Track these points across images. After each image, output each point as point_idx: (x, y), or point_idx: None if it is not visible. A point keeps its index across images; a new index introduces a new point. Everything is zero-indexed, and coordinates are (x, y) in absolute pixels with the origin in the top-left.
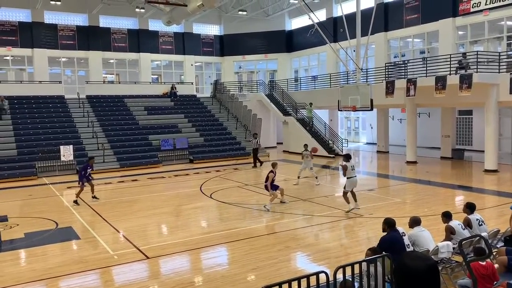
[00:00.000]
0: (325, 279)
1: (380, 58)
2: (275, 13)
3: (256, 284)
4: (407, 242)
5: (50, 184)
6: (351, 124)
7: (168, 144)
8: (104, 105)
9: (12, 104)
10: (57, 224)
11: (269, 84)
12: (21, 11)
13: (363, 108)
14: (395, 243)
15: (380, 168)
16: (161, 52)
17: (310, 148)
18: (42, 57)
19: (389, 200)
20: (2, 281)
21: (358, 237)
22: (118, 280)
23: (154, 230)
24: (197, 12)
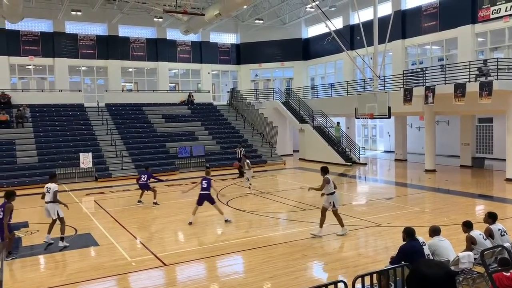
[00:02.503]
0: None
1: (397, 66)
2: (291, 22)
3: None
4: (427, 252)
5: (70, 191)
6: (368, 132)
7: (185, 151)
8: (122, 113)
9: (33, 112)
10: (76, 230)
11: (286, 92)
12: (43, 22)
13: (380, 116)
14: (415, 252)
15: (398, 177)
16: (179, 61)
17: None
18: (63, 66)
19: (408, 209)
20: (23, 286)
21: (376, 246)
22: (135, 286)
23: (171, 237)
24: (214, 21)
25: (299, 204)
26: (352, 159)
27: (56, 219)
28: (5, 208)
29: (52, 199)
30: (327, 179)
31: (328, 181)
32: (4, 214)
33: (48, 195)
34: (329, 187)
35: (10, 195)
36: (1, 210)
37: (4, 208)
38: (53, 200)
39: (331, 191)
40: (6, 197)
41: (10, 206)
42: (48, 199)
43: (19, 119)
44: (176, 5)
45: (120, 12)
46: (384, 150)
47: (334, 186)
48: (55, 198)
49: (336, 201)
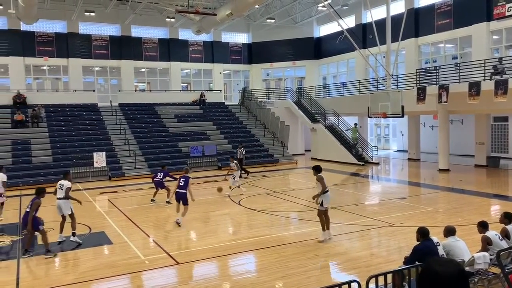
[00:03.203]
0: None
1: (410, 64)
2: (303, 21)
3: None
4: (442, 252)
5: (84, 190)
6: (381, 131)
7: (197, 151)
8: (135, 112)
9: (48, 112)
10: (90, 229)
11: (297, 91)
12: (58, 23)
13: (393, 115)
14: (429, 252)
15: (411, 176)
16: (191, 61)
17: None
18: (77, 66)
19: (421, 209)
20: (38, 284)
21: (389, 247)
22: (149, 285)
23: (183, 236)
24: (226, 21)
25: (311, 203)
26: (365, 158)
27: (67, 216)
28: (33, 203)
29: (64, 196)
30: (321, 177)
31: (322, 178)
32: (31, 209)
33: (61, 192)
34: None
35: (40, 192)
36: (30, 204)
37: (33, 203)
38: (65, 197)
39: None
40: (36, 193)
41: (38, 202)
42: (60, 196)
43: (34, 119)
44: (188, 5)
45: (132, 12)
46: (397, 150)
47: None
48: (67, 194)
49: (325, 201)
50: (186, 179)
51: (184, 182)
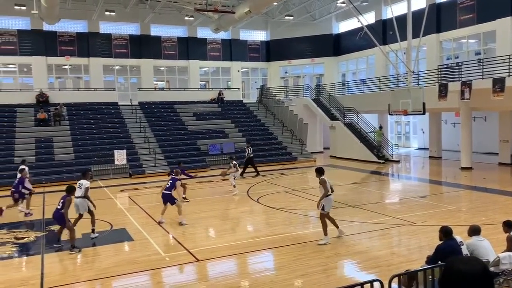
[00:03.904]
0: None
1: (432, 61)
2: (322, 17)
3: None
4: (465, 252)
5: (105, 187)
6: (402, 129)
7: (215, 148)
8: (155, 111)
9: (70, 111)
10: (111, 225)
11: (316, 89)
12: (79, 22)
13: (415, 112)
14: (452, 252)
15: (432, 174)
16: (209, 59)
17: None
18: (97, 65)
19: (443, 208)
20: (62, 279)
21: (410, 246)
22: (169, 281)
23: (203, 233)
24: (244, 18)
25: None
26: (385, 156)
27: (82, 214)
28: (66, 200)
29: (83, 195)
30: (324, 180)
31: (325, 182)
32: (64, 206)
33: (79, 191)
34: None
35: (71, 190)
36: (62, 201)
37: (65, 200)
38: (84, 196)
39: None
40: (67, 191)
41: (69, 199)
42: (79, 194)
43: (57, 117)
44: (206, 3)
45: (152, 11)
46: (417, 147)
47: (331, 188)
48: (86, 194)
49: (327, 205)
50: (173, 181)
51: (171, 184)
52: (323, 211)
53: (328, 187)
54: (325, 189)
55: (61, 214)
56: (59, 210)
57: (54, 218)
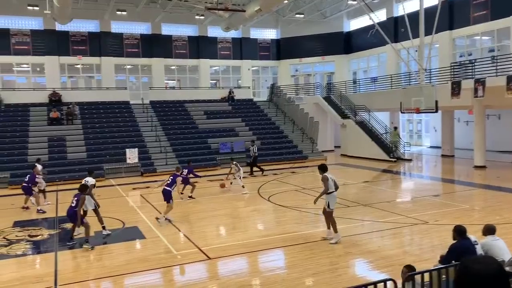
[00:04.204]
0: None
1: (444, 58)
2: (332, 15)
3: None
4: (480, 252)
5: (117, 185)
6: (413, 127)
7: (226, 147)
8: (166, 109)
9: (82, 110)
10: (124, 223)
11: (327, 87)
12: (91, 22)
13: (427, 110)
14: (466, 252)
15: (445, 173)
16: (220, 58)
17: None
18: (109, 65)
19: (456, 207)
20: (75, 276)
21: (423, 245)
22: (181, 279)
23: (214, 231)
24: (254, 17)
25: (342, 200)
26: (397, 155)
27: (86, 211)
28: (80, 198)
29: (88, 192)
30: (326, 178)
31: (327, 179)
32: (78, 204)
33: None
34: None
35: (85, 188)
36: (76, 199)
37: (79, 198)
38: (89, 193)
39: (329, 191)
40: (80, 189)
41: (83, 197)
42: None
43: (69, 116)
44: (217, 2)
45: (163, 10)
46: (430, 146)
47: (335, 185)
48: (90, 191)
49: (331, 202)
50: (174, 177)
51: (172, 180)
52: (329, 208)
53: (331, 185)
54: (325, 187)
55: (75, 212)
56: (73, 208)
57: (68, 216)
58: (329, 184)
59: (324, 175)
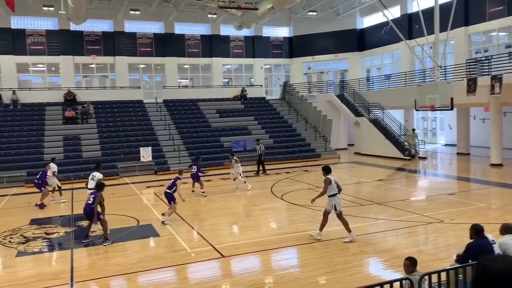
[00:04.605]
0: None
1: (460, 55)
2: (345, 12)
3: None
4: (498, 251)
5: (131, 183)
6: (428, 125)
7: (239, 145)
8: (179, 108)
9: (96, 109)
10: (138, 221)
11: (340, 84)
12: (104, 22)
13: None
14: (483, 251)
15: (460, 171)
16: (232, 56)
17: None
18: (123, 64)
19: (472, 205)
20: (91, 273)
21: (438, 244)
22: (195, 277)
23: (227, 230)
24: (267, 15)
25: (356, 199)
26: (411, 153)
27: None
28: (96, 196)
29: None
30: (328, 180)
31: (330, 181)
32: (95, 201)
33: (92, 182)
34: (330, 188)
35: (101, 186)
36: (93, 197)
37: (96, 195)
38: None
39: (332, 193)
40: (97, 187)
41: (100, 195)
42: (91, 186)
43: (84, 115)
44: (229, 0)
45: (175, 10)
46: (444, 144)
47: (338, 187)
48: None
49: (337, 204)
50: (174, 181)
51: (172, 183)
52: (337, 211)
53: (334, 187)
54: (324, 189)
55: (91, 209)
56: (90, 205)
57: (84, 213)
58: (331, 186)
59: (327, 177)
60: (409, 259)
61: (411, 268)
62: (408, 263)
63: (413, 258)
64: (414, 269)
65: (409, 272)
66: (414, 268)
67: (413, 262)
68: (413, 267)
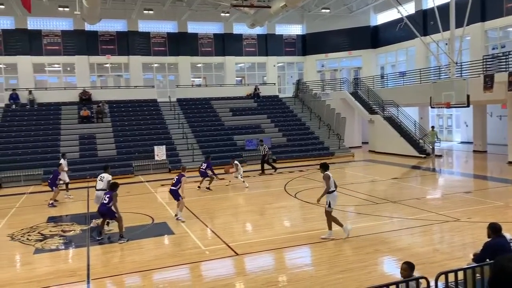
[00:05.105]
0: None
1: (476, 51)
2: (359, 9)
3: (347, 287)
4: None
5: (146, 182)
6: (443, 122)
7: (252, 144)
8: (192, 107)
9: (111, 108)
10: (153, 219)
11: (353, 82)
12: (119, 22)
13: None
14: (501, 250)
15: (477, 169)
16: (245, 55)
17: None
18: (137, 63)
19: (489, 204)
20: (107, 270)
21: (454, 243)
22: (209, 275)
23: (241, 228)
24: (280, 13)
25: (370, 197)
26: (426, 150)
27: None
28: (112, 195)
29: (103, 187)
30: (327, 176)
31: (329, 177)
32: (112, 200)
33: (101, 183)
34: (330, 185)
35: (115, 186)
36: (108, 196)
37: (111, 195)
38: (105, 189)
39: (331, 189)
40: (111, 187)
41: (115, 194)
42: (100, 187)
43: (99, 115)
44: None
45: (189, 9)
46: (460, 141)
47: (335, 185)
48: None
49: (332, 201)
50: (179, 178)
51: (177, 180)
52: (329, 208)
53: (332, 183)
54: (327, 185)
55: (107, 208)
56: (105, 205)
57: (99, 212)
58: (330, 182)
59: (326, 173)
60: (407, 263)
61: (409, 273)
62: (406, 267)
63: (411, 262)
64: (412, 274)
65: (407, 277)
66: (411, 273)
67: (411, 266)
68: (411, 271)
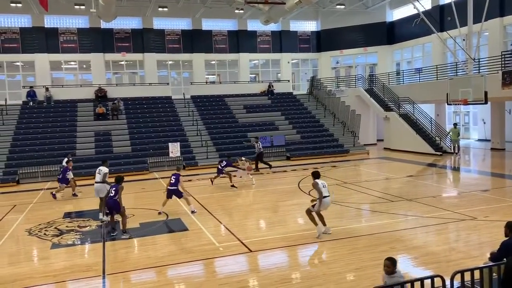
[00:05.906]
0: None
1: (494, 47)
2: (374, 5)
3: (360, 284)
4: None
5: (160, 178)
6: (460, 119)
7: (266, 141)
8: (207, 104)
9: (126, 105)
10: (167, 215)
11: (369, 79)
12: (133, 19)
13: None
14: None
15: (495, 167)
16: (259, 51)
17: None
18: (152, 61)
19: (507, 202)
20: (122, 266)
21: (470, 241)
22: (223, 271)
23: (254, 225)
24: (294, 9)
25: (384, 195)
26: (443, 148)
27: (102, 198)
28: (118, 188)
29: (101, 180)
30: (315, 183)
31: (316, 184)
32: (118, 193)
33: (99, 176)
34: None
35: (121, 179)
36: (114, 189)
37: (117, 188)
38: (102, 181)
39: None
40: (117, 181)
41: (121, 187)
42: (98, 180)
43: (114, 112)
44: None
45: (203, 6)
46: (478, 139)
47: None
48: (105, 179)
49: (320, 206)
50: (177, 177)
51: (175, 179)
52: (313, 208)
53: (320, 190)
54: (318, 191)
55: (114, 201)
56: (112, 197)
57: (107, 205)
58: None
59: (315, 181)
60: (389, 259)
61: (392, 269)
62: (389, 263)
63: (393, 258)
64: (395, 270)
65: (390, 273)
66: (394, 269)
67: (393, 262)
68: (393, 267)
